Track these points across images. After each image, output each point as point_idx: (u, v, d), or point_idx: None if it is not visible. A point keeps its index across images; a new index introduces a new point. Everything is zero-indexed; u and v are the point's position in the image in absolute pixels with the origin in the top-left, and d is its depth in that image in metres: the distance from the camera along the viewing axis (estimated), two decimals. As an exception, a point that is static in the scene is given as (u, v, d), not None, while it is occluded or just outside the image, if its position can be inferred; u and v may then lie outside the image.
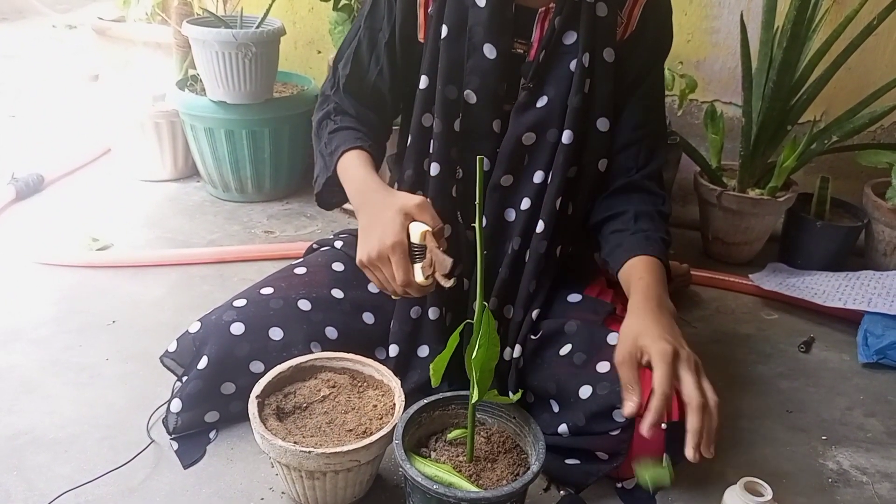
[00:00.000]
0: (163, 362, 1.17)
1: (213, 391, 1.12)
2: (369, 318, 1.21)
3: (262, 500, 1.03)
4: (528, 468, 0.90)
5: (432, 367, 0.88)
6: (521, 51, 1.09)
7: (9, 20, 3.69)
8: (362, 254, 1.00)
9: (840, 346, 1.52)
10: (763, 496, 0.92)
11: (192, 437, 1.12)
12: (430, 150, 1.12)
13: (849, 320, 1.56)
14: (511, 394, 1.08)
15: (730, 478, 1.11)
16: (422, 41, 1.11)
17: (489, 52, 1.06)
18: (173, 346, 1.16)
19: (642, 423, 0.86)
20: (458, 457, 0.94)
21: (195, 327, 1.14)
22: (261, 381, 1.02)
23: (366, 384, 1.07)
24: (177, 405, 1.11)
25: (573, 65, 1.07)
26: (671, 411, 1.05)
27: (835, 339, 1.55)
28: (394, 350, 1.18)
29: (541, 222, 1.11)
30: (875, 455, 1.21)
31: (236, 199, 1.99)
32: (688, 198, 2.03)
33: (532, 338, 1.12)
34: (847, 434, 1.26)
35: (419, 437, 0.98)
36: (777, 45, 1.67)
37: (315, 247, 1.34)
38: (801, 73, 1.69)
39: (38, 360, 1.29)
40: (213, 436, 1.14)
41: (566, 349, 1.07)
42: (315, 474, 0.94)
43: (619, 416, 1.00)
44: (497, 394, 0.92)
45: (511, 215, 1.14)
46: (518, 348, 1.12)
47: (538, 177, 1.11)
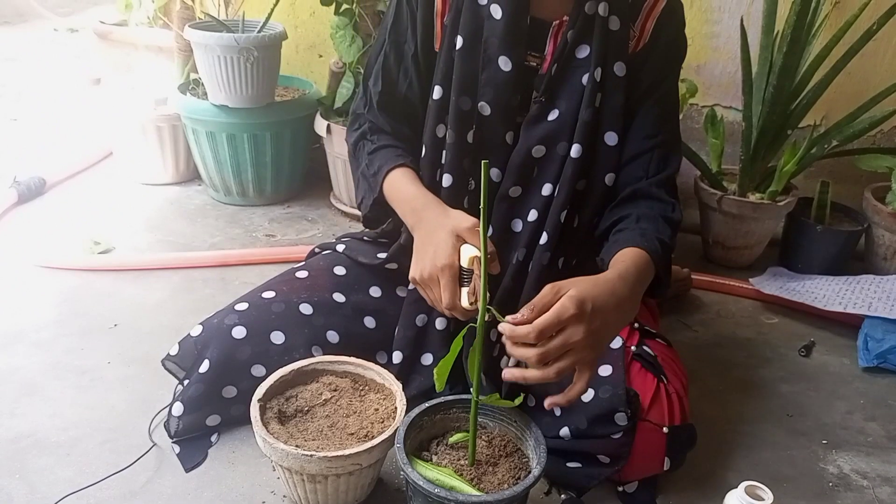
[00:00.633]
0: (164, 366, 1.17)
1: (215, 395, 1.12)
2: (371, 322, 1.22)
3: (264, 503, 1.03)
4: (530, 472, 0.91)
5: (436, 371, 0.88)
6: (534, 63, 1.09)
7: (10, 23, 3.70)
8: (415, 272, 1.03)
9: (840, 350, 1.53)
10: (763, 500, 0.92)
11: (193, 441, 1.12)
12: (443, 161, 1.12)
13: (849, 324, 1.56)
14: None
15: (730, 481, 1.12)
16: (437, 50, 1.11)
17: (504, 64, 1.06)
18: (175, 350, 1.16)
19: (506, 339, 0.84)
20: (459, 460, 0.94)
21: (197, 331, 1.15)
22: (263, 384, 1.03)
23: (367, 388, 1.08)
24: (178, 409, 1.12)
25: (585, 79, 1.06)
26: (674, 415, 1.05)
27: (835, 343, 1.55)
28: (397, 357, 1.18)
29: (545, 234, 1.11)
30: (875, 459, 1.22)
31: (238, 203, 2.00)
32: (688, 202, 2.03)
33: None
34: (847, 438, 1.26)
35: (421, 441, 0.98)
36: (777, 50, 1.67)
37: (317, 251, 1.34)
38: (802, 77, 1.69)
39: (39, 364, 1.29)
40: (214, 439, 1.14)
41: (567, 353, 1.07)
42: (317, 478, 0.94)
43: (622, 418, 1.00)
44: (499, 397, 0.92)
45: (518, 226, 1.14)
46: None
47: (546, 189, 1.11)
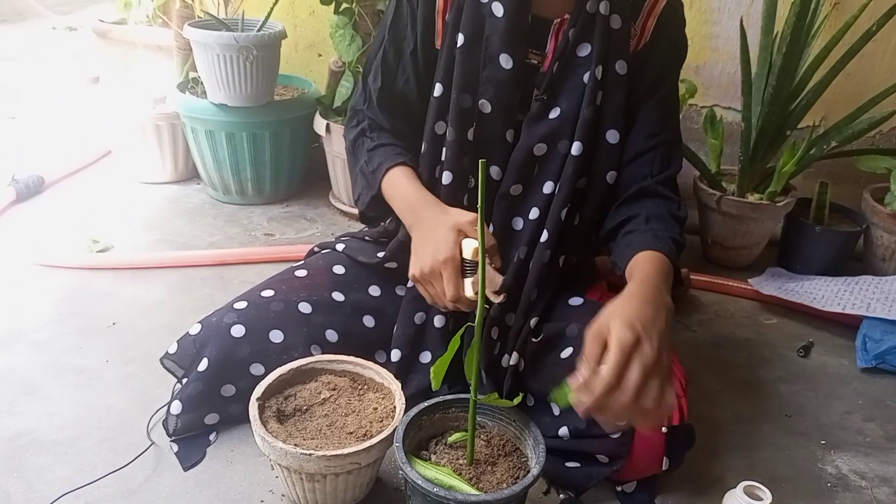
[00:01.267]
0: (163, 364, 1.17)
1: (214, 393, 1.12)
2: (370, 321, 1.22)
3: (262, 502, 1.03)
4: (529, 471, 0.91)
5: (433, 370, 0.88)
6: (535, 61, 1.09)
7: (9, 22, 3.70)
8: (415, 269, 1.03)
9: (839, 350, 1.53)
10: (762, 500, 0.93)
11: (191, 440, 1.12)
12: (443, 158, 1.12)
13: (848, 325, 1.56)
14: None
15: (729, 482, 1.12)
16: (437, 48, 1.11)
17: (505, 62, 1.06)
18: (173, 348, 1.16)
19: (580, 392, 0.80)
20: (458, 460, 0.94)
21: (195, 329, 1.15)
22: (261, 383, 1.03)
23: (366, 387, 1.08)
24: (177, 407, 1.11)
25: (586, 77, 1.06)
26: (673, 415, 1.05)
27: (834, 343, 1.55)
28: (396, 355, 1.18)
29: (545, 232, 1.11)
30: (874, 459, 1.22)
31: (236, 202, 2.00)
32: (687, 202, 2.00)
33: (533, 341, 1.12)
34: (846, 438, 1.27)
35: (419, 440, 0.98)
36: (777, 51, 1.68)
37: (316, 250, 1.34)
38: (801, 78, 1.69)
39: (38, 362, 1.29)
40: (213, 438, 1.14)
41: (567, 352, 1.07)
42: (315, 477, 0.94)
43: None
44: (498, 397, 0.92)
45: (518, 224, 1.14)
46: (515, 355, 1.12)
47: (548, 187, 1.11)
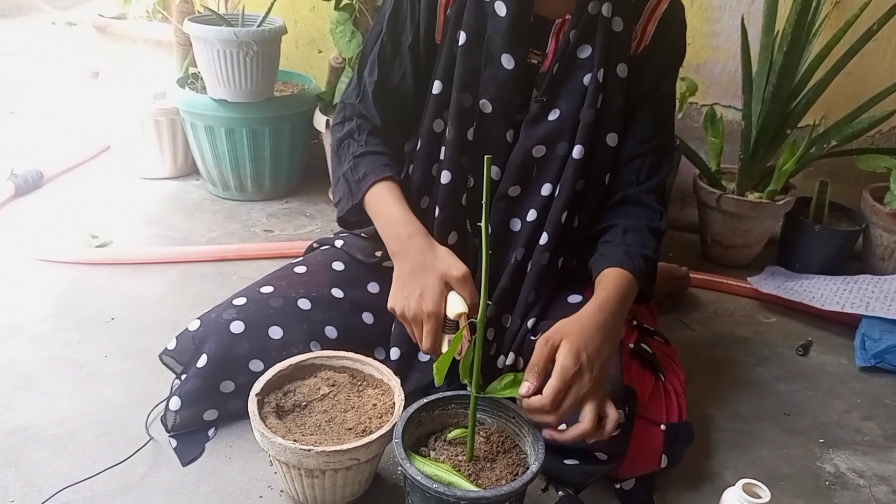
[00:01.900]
0: (162, 360, 1.17)
1: (213, 389, 1.12)
2: (369, 317, 1.21)
3: (261, 498, 1.03)
4: (528, 468, 0.91)
5: (435, 366, 0.88)
6: (535, 61, 1.08)
7: (8, 17, 3.69)
8: (396, 305, 1.02)
9: (838, 349, 1.53)
10: (761, 498, 0.92)
11: (190, 435, 1.12)
12: (441, 157, 1.12)
13: (846, 324, 1.56)
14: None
15: (728, 479, 1.12)
16: (438, 42, 1.10)
17: (507, 62, 1.05)
18: (173, 344, 1.16)
19: (525, 407, 0.90)
20: (457, 456, 0.94)
21: (195, 325, 1.14)
22: (261, 378, 1.02)
23: (365, 383, 1.08)
24: (176, 403, 1.11)
25: (587, 79, 1.06)
26: (672, 413, 1.05)
27: (832, 342, 1.55)
28: (395, 353, 1.18)
29: (545, 234, 1.11)
30: (872, 458, 1.22)
31: (236, 198, 1.99)
32: (687, 201, 2.04)
33: (532, 339, 1.12)
34: (844, 437, 1.27)
35: (419, 437, 0.98)
36: (777, 49, 1.67)
37: (315, 246, 1.34)
38: (801, 77, 1.69)
39: (36, 357, 1.29)
40: (211, 433, 1.14)
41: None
42: (314, 472, 0.94)
43: (620, 416, 0.99)
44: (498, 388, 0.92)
45: (516, 225, 1.14)
46: (512, 356, 1.12)
47: (546, 189, 1.11)
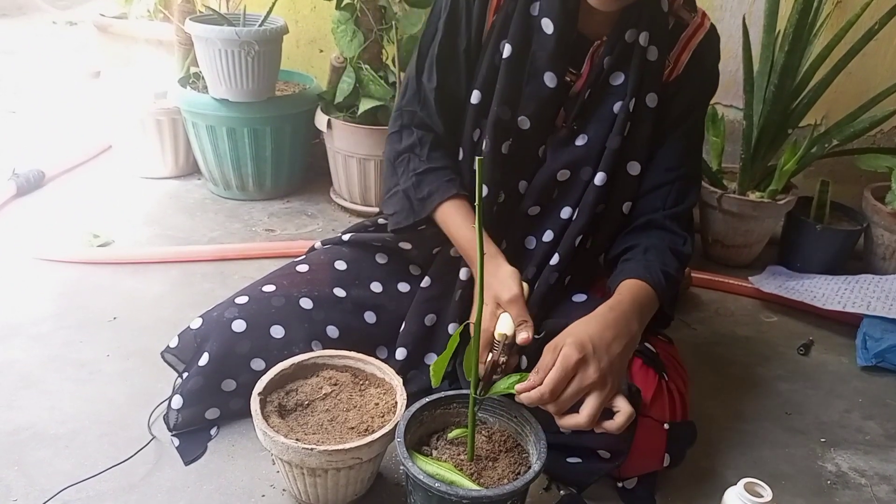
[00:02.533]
0: (164, 358, 1.17)
1: (214, 388, 1.12)
2: (371, 317, 1.22)
3: (264, 497, 1.03)
4: (530, 467, 0.91)
5: (432, 367, 0.88)
6: (568, 79, 1.07)
7: (9, 16, 3.68)
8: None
9: (839, 349, 1.53)
10: (763, 497, 0.92)
11: (192, 434, 1.12)
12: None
13: (848, 323, 1.57)
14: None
15: (729, 479, 1.12)
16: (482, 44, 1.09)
17: (549, 80, 1.04)
18: (175, 342, 1.16)
19: (518, 393, 0.90)
20: (459, 455, 0.94)
21: (197, 323, 1.14)
22: (263, 378, 1.02)
23: (367, 382, 1.08)
24: (178, 401, 1.11)
25: (617, 107, 1.05)
26: (675, 412, 1.05)
27: (834, 342, 1.55)
28: (401, 353, 1.18)
29: (557, 255, 1.11)
30: (873, 457, 1.22)
31: (237, 197, 1.99)
32: (688, 200, 2.04)
33: (535, 338, 1.12)
34: (846, 436, 1.27)
35: (421, 436, 0.98)
36: (779, 49, 1.67)
37: (317, 246, 1.34)
38: (803, 76, 1.69)
39: (38, 356, 1.29)
40: (214, 432, 1.14)
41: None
42: (317, 471, 0.94)
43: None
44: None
45: (531, 243, 1.14)
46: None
47: (566, 212, 1.11)
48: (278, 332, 1.13)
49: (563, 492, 1.07)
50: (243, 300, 1.16)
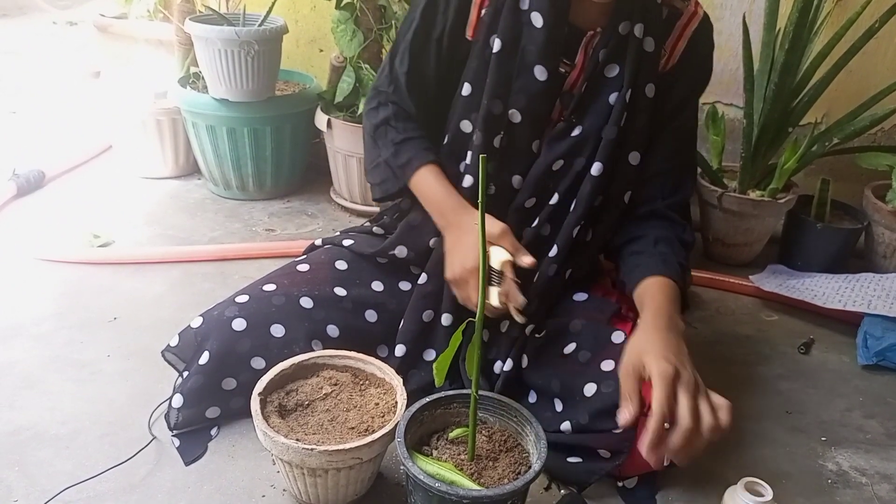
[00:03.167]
0: (164, 357, 1.17)
1: (215, 387, 1.12)
2: (371, 316, 1.22)
3: (264, 497, 1.03)
4: (530, 467, 0.91)
5: (435, 366, 0.88)
6: (562, 70, 1.08)
7: (9, 16, 3.69)
8: (448, 272, 1.08)
9: (840, 347, 1.53)
10: (763, 496, 0.93)
11: (193, 434, 1.12)
12: (467, 159, 1.12)
13: (848, 322, 1.56)
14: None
15: (730, 478, 1.12)
16: (469, 38, 1.10)
17: (540, 73, 1.05)
18: (175, 341, 1.16)
19: (640, 443, 0.87)
20: (459, 455, 0.94)
21: (197, 322, 1.15)
22: (263, 378, 1.02)
23: (368, 382, 1.08)
24: (178, 400, 1.11)
25: (613, 98, 1.06)
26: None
27: (834, 340, 1.55)
28: (400, 350, 1.18)
29: (555, 247, 1.11)
30: (874, 456, 1.22)
31: (237, 197, 1.99)
32: (688, 199, 2.03)
33: (536, 336, 1.12)
34: (846, 435, 1.27)
35: (421, 436, 0.98)
36: (779, 47, 1.67)
37: (317, 244, 1.34)
38: (803, 75, 1.69)
39: (39, 356, 1.29)
40: (214, 433, 1.14)
41: (571, 348, 1.07)
42: (317, 472, 0.94)
43: (619, 420, 1.01)
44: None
45: (529, 236, 1.14)
46: (510, 363, 1.12)
47: (554, 199, 1.11)
48: (279, 330, 1.13)
49: (563, 491, 1.07)
50: (244, 299, 1.16)
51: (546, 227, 1.12)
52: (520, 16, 1.05)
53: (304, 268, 1.24)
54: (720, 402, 0.89)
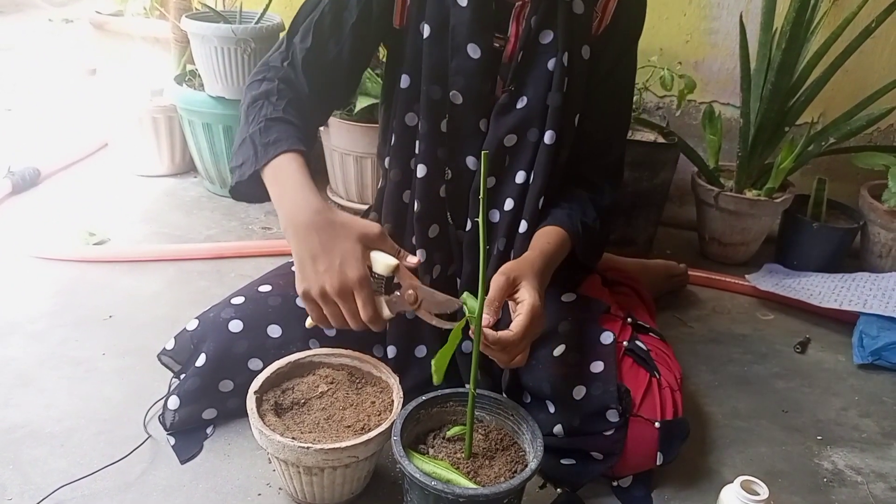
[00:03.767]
0: (160, 360, 1.16)
1: (211, 388, 1.11)
2: (367, 315, 1.21)
3: (260, 495, 1.03)
4: (526, 465, 0.91)
5: (434, 363, 0.87)
6: (497, 45, 1.08)
7: (5, 13, 3.67)
8: (312, 284, 0.90)
9: (835, 346, 1.53)
10: (759, 495, 0.93)
11: (188, 433, 1.12)
12: (417, 151, 1.12)
13: (844, 321, 1.57)
14: (504, 395, 1.08)
15: (726, 476, 1.12)
16: (397, 27, 1.09)
17: (473, 51, 1.05)
18: (171, 344, 1.15)
19: (492, 339, 0.90)
20: (456, 454, 0.94)
21: (193, 325, 1.14)
22: (259, 376, 1.02)
23: (364, 381, 1.07)
24: (174, 402, 1.11)
25: (551, 64, 1.06)
26: (666, 410, 1.05)
27: (830, 339, 1.55)
28: (392, 351, 1.18)
29: (524, 222, 1.11)
30: (870, 455, 1.22)
31: (234, 195, 1.99)
32: (685, 198, 2.04)
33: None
34: (842, 434, 1.27)
35: (417, 434, 0.98)
36: (776, 47, 1.67)
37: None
38: (800, 74, 1.69)
39: (34, 354, 1.28)
40: (210, 431, 1.13)
41: (560, 350, 1.07)
42: (313, 470, 0.94)
43: (613, 415, 1.01)
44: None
45: (495, 216, 1.14)
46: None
47: (520, 177, 1.11)
48: (275, 331, 1.13)
49: (559, 490, 1.07)
50: (240, 300, 1.15)
51: (511, 203, 1.12)
52: None
53: (300, 267, 1.23)
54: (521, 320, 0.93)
